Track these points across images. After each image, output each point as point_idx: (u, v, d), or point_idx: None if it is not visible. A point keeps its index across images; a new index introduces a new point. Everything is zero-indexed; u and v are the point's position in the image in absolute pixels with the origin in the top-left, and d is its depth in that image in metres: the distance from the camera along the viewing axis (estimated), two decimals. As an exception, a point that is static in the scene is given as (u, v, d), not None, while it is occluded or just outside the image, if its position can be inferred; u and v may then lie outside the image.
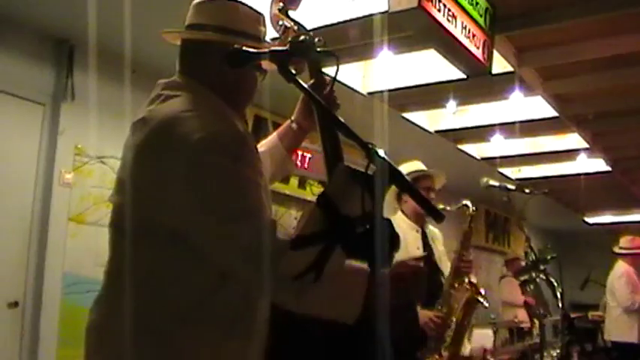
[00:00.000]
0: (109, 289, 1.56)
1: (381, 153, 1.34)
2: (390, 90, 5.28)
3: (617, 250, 7.04)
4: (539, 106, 5.97)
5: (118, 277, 1.53)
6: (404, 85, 5.27)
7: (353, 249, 1.40)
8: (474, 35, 4.04)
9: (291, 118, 2.04)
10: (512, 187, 3.84)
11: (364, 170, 1.35)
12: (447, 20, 3.74)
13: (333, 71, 1.70)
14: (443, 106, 6.01)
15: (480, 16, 4.09)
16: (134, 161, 1.53)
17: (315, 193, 6.58)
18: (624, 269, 6.75)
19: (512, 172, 8.44)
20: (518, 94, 5.56)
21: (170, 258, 1.49)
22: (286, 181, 6.32)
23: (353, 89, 5.18)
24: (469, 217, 3.71)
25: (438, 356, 3.36)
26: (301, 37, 1.80)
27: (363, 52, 4.38)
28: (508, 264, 8.67)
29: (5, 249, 4.34)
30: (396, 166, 1.36)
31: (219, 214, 1.42)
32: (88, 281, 4.49)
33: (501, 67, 4.83)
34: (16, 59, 4.44)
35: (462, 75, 4.53)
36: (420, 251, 3.60)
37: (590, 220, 11.95)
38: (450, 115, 6.41)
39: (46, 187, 4.56)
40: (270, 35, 1.82)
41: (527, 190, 3.88)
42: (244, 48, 1.47)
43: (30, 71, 4.54)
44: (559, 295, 4.07)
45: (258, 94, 1.76)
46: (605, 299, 7.38)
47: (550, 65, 5.25)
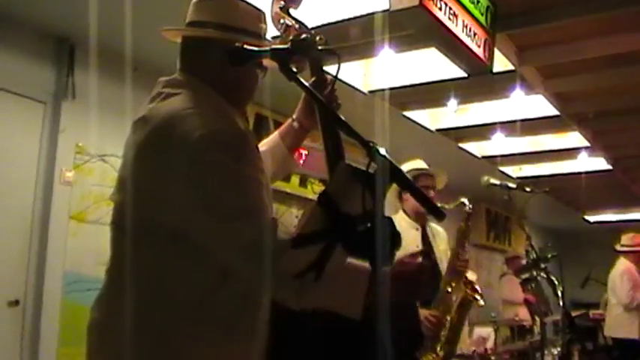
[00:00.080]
0: (110, 287, 1.56)
1: (382, 151, 1.33)
2: (391, 88, 5.27)
3: (618, 248, 7.05)
4: (540, 105, 5.96)
5: (119, 276, 1.53)
6: (405, 84, 5.26)
7: (354, 247, 1.39)
8: (475, 34, 4.03)
9: (293, 116, 2.03)
10: (513, 185, 3.84)
11: (365, 169, 1.35)
12: (448, 19, 3.74)
13: (334, 69, 1.70)
14: (444, 105, 6.00)
15: (481, 15, 4.09)
16: (135, 159, 1.53)
17: (316, 191, 6.58)
18: (626, 266, 6.77)
19: (513, 171, 8.43)
20: (519, 92, 5.55)
21: (171, 257, 1.49)
22: (287, 180, 6.31)
23: (354, 88, 5.17)
24: (466, 215, 3.70)
25: (434, 355, 3.36)
26: (302, 36, 1.80)
27: (364, 50, 4.37)
28: (508, 262, 8.67)
29: (6, 247, 4.34)
30: (397, 165, 1.36)
31: (220, 212, 1.42)
32: (88, 280, 4.48)
33: (502, 65, 4.83)
34: (17, 57, 4.43)
35: (463, 73, 4.52)
36: (419, 249, 3.60)
37: (591, 219, 11.95)
38: (451, 114, 6.40)
39: (47, 186, 4.55)
40: (272, 33, 1.81)
41: (528, 189, 3.88)
42: (245, 46, 1.47)
43: (31, 69, 4.53)
44: (560, 294, 4.07)
45: (259, 92, 1.76)
46: (606, 297, 7.39)
47: (551, 64, 5.24)
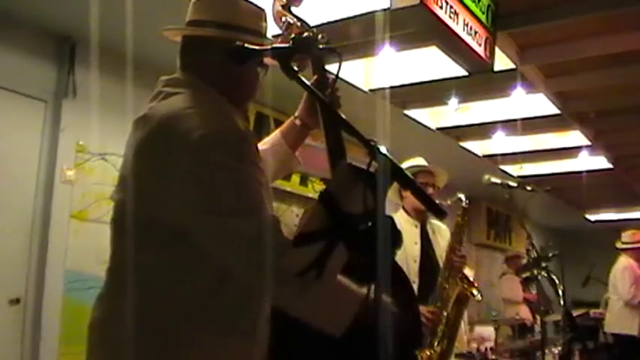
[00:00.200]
0: (111, 286, 1.56)
1: (384, 150, 1.33)
2: (392, 87, 5.27)
3: (619, 246, 7.09)
4: (541, 104, 5.96)
5: (119, 275, 1.53)
6: (406, 83, 5.26)
7: (355, 246, 1.39)
8: (476, 32, 4.03)
9: (295, 114, 2.03)
10: (514, 184, 3.83)
11: (367, 167, 1.35)
12: (449, 17, 3.73)
13: (335, 68, 1.70)
14: (445, 104, 6.00)
15: (482, 14, 4.09)
16: (136, 158, 1.52)
17: (317, 190, 6.57)
18: (627, 263, 6.81)
19: (514, 170, 8.42)
20: (520, 91, 5.55)
21: (171, 256, 1.48)
22: (288, 178, 6.31)
23: (355, 86, 5.17)
24: (462, 210, 3.69)
25: (432, 351, 3.35)
26: (304, 34, 1.79)
27: (365, 49, 4.36)
28: (508, 262, 8.68)
29: (7, 246, 4.34)
30: (398, 163, 1.36)
31: (220, 211, 1.42)
32: (89, 278, 4.48)
33: (503, 64, 4.82)
34: (18, 56, 4.43)
35: (464, 72, 4.52)
36: (418, 246, 3.59)
37: (592, 218, 11.95)
38: (452, 113, 6.39)
39: (48, 184, 4.55)
40: (273, 32, 1.81)
41: (529, 188, 3.87)
42: (246, 45, 1.47)
43: (32, 68, 4.53)
44: (560, 293, 4.08)
45: (260, 90, 1.76)
46: (607, 296, 7.41)
47: (552, 62, 5.24)
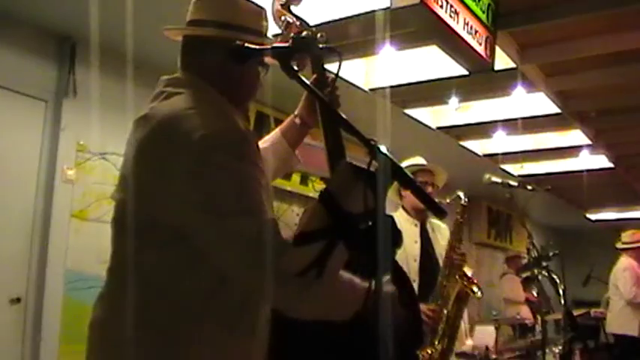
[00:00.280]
0: (111, 286, 1.56)
1: (384, 149, 1.33)
2: (393, 86, 5.27)
3: (619, 246, 7.09)
4: (541, 103, 5.95)
5: (120, 275, 1.53)
6: (406, 82, 5.25)
7: (355, 246, 1.39)
8: (476, 32, 4.03)
9: (295, 112, 2.03)
10: (515, 183, 3.83)
11: (367, 167, 1.35)
12: (450, 16, 3.73)
13: (335, 67, 1.70)
14: (445, 103, 6.00)
15: (483, 13, 4.08)
16: (136, 158, 1.52)
17: (317, 189, 6.57)
18: (628, 263, 6.82)
19: (515, 169, 8.41)
20: (520, 90, 5.54)
21: (172, 256, 1.48)
22: (288, 178, 6.32)
23: (355, 85, 5.17)
24: (461, 208, 3.69)
25: (433, 349, 3.35)
26: (304, 33, 1.79)
27: (365, 48, 4.36)
28: (509, 261, 8.68)
29: (7, 245, 4.34)
30: (398, 163, 1.36)
31: (220, 212, 1.41)
32: (90, 278, 4.48)
33: (504, 63, 4.82)
34: (19, 56, 4.44)
35: (465, 71, 4.51)
36: (418, 245, 3.58)
37: (593, 217, 11.94)
38: (453, 112, 6.39)
39: (48, 184, 4.56)
40: (273, 31, 1.81)
41: (530, 187, 3.87)
42: (246, 44, 1.47)
43: (32, 68, 4.53)
44: (561, 292, 4.07)
45: (260, 90, 1.75)
46: (608, 295, 7.41)
47: (553, 62, 5.24)
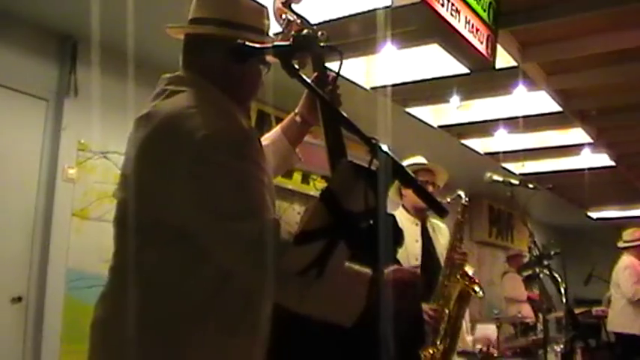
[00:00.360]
0: (113, 285, 1.56)
1: (385, 148, 1.32)
2: (394, 85, 5.27)
3: (620, 244, 7.08)
4: (542, 101, 5.96)
5: (122, 274, 1.53)
6: (407, 80, 5.26)
7: (356, 245, 1.38)
8: (477, 30, 4.03)
9: (295, 110, 2.02)
10: (516, 182, 3.82)
11: (368, 165, 1.34)
12: (451, 15, 3.73)
13: (336, 66, 1.69)
14: (446, 101, 6.00)
15: (484, 11, 4.08)
16: (138, 157, 1.52)
17: (319, 188, 6.57)
18: (629, 262, 6.82)
19: (516, 167, 8.41)
20: (521, 88, 5.55)
21: (174, 255, 1.48)
22: (289, 176, 6.32)
23: (356, 84, 5.17)
24: (462, 207, 3.69)
25: (435, 349, 3.35)
26: (304, 32, 1.79)
27: (366, 46, 4.37)
28: (510, 260, 8.68)
29: (9, 244, 4.34)
30: (399, 161, 1.36)
31: (222, 212, 1.41)
32: (91, 277, 4.48)
33: (505, 61, 4.82)
34: (20, 55, 4.44)
35: (466, 70, 4.52)
36: (419, 244, 3.58)
37: (594, 216, 11.93)
38: (454, 110, 6.39)
39: (50, 183, 4.56)
40: (274, 29, 1.81)
41: (531, 186, 3.86)
42: (247, 43, 1.47)
43: (33, 67, 4.53)
44: (563, 291, 4.06)
45: (261, 88, 1.75)
46: (609, 294, 7.40)
47: (554, 60, 5.24)
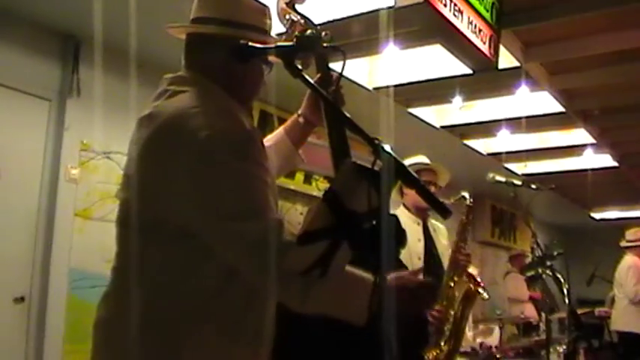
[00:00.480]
0: (116, 285, 1.56)
1: (388, 148, 1.32)
2: (396, 85, 5.26)
3: (623, 244, 7.08)
4: (545, 101, 5.94)
5: (125, 274, 1.52)
6: (410, 81, 5.25)
7: (359, 245, 1.38)
8: (480, 30, 4.02)
9: (298, 111, 2.02)
10: (519, 182, 3.81)
11: (371, 166, 1.34)
12: (454, 15, 3.73)
13: (339, 66, 1.69)
14: (449, 102, 5.99)
15: (487, 11, 4.08)
16: (140, 157, 1.52)
17: (321, 188, 6.57)
18: (632, 261, 6.82)
19: (519, 168, 8.40)
20: (524, 89, 5.53)
21: (176, 256, 1.48)
22: (292, 177, 6.32)
23: (359, 84, 5.16)
24: (467, 209, 3.68)
25: (438, 351, 3.35)
26: (308, 32, 1.78)
27: (369, 47, 4.36)
28: (512, 260, 8.66)
29: (11, 244, 4.35)
30: (402, 162, 1.36)
31: (225, 211, 1.41)
32: (94, 277, 4.49)
33: (508, 62, 4.82)
34: (22, 55, 4.44)
35: (468, 70, 4.51)
36: (421, 243, 3.57)
37: (597, 216, 11.92)
38: (456, 111, 6.38)
39: (52, 183, 4.57)
40: (277, 29, 1.81)
41: (534, 186, 3.85)
42: (250, 43, 1.46)
43: (36, 67, 4.54)
44: (565, 291, 4.05)
45: (263, 88, 1.75)
46: (612, 294, 7.40)
47: (556, 60, 5.23)
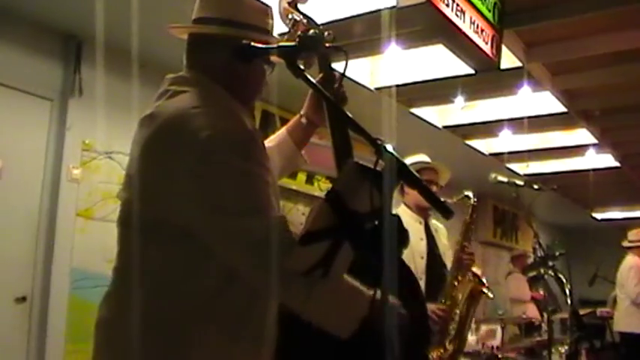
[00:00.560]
0: (117, 285, 1.56)
1: (390, 148, 1.32)
2: (398, 85, 5.26)
3: (625, 244, 7.07)
4: (547, 102, 5.94)
5: (126, 274, 1.52)
6: (412, 81, 5.24)
7: (361, 245, 1.38)
8: (482, 30, 4.02)
9: (301, 112, 2.01)
10: (521, 182, 3.81)
11: (373, 166, 1.34)
12: (456, 15, 3.72)
13: (342, 66, 1.69)
14: (451, 102, 5.99)
15: (489, 11, 4.07)
16: (142, 157, 1.52)
17: (323, 188, 6.57)
18: (633, 262, 6.82)
19: (520, 168, 8.39)
20: (526, 89, 5.53)
21: (178, 255, 1.48)
22: (294, 177, 6.31)
23: (361, 84, 5.16)
24: (470, 208, 3.68)
25: (442, 350, 3.35)
26: (310, 32, 1.78)
27: (371, 47, 4.35)
28: (514, 260, 8.66)
29: (13, 244, 4.35)
30: (404, 162, 1.35)
31: (227, 212, 1.41)
32: (95, 276, 4.49)
33: (510, 62, 4.81)
34: (24, 55, 4.44)
35: (471, 70, 4.50)
36: (424, 242, 3.57)
37: (599, 216, 11.91)
38: (458, 111, 6.38)
39: (54, 183, 4.57)
40: (280, 29, 1.80)
41: (536, 186, 3.85)
42: (252, 43, 1.46)
43: (38, 67, 4.54)
44: (567, 292, 4.06)
45: (265, 88, 1.75)
46: (614, 294, 7.40)
47: (559, 60, 5.23)
